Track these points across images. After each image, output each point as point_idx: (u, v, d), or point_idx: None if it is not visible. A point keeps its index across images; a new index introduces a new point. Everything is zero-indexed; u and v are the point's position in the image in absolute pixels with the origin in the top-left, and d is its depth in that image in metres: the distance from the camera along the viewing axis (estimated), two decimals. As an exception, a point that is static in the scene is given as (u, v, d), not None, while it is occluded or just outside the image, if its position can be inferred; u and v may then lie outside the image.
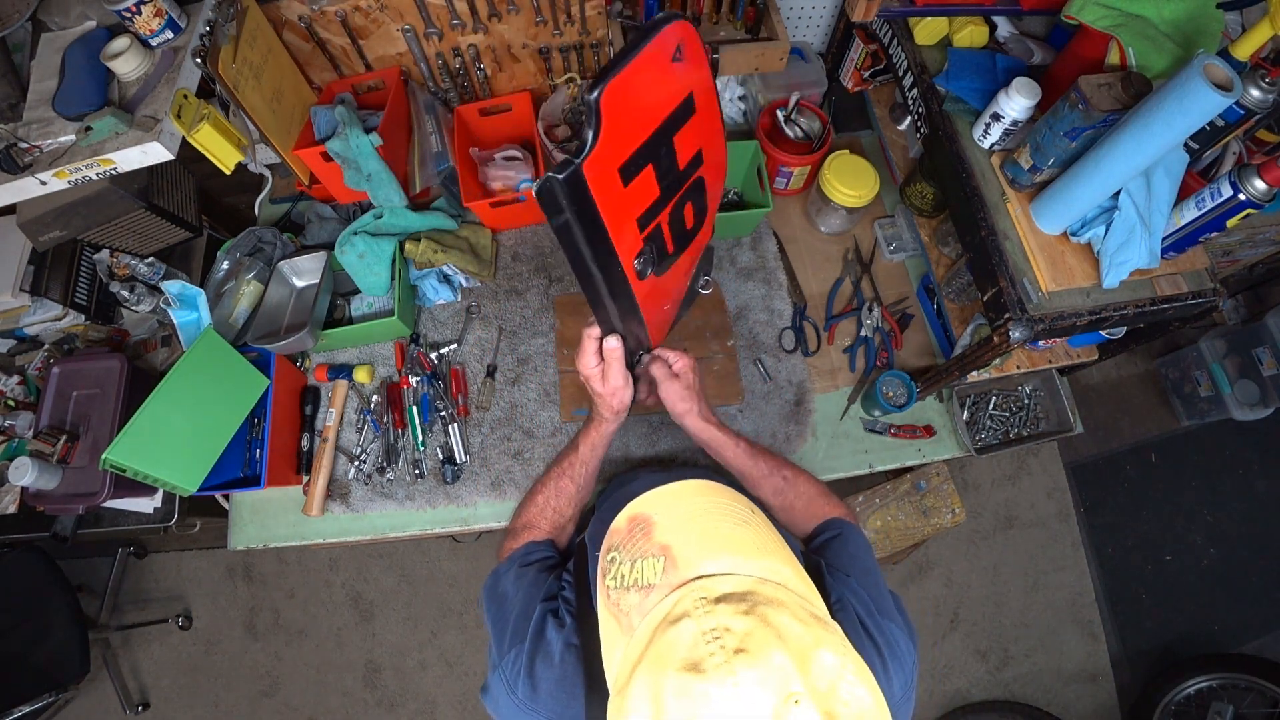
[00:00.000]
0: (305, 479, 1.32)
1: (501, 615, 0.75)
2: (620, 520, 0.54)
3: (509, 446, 1.33)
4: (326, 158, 1.25)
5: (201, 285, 1.36)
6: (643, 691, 0.43)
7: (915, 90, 1.14)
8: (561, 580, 0.79)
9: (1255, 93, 0.77)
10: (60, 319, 1.45)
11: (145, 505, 1.41)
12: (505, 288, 1.45)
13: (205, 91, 1.07)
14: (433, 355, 1.38)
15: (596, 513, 0.93)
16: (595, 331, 0.87)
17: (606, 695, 0.64)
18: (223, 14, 1.04)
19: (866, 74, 1.41)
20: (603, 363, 0.88)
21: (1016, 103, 0.94)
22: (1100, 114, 0.82)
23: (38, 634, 1.85)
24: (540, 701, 0.67)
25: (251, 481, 1.26)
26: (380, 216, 1.35)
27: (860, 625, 0.69)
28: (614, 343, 0.86)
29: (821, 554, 0.80)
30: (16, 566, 1.87)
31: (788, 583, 0.48)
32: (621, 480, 1.09)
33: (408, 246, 1.37)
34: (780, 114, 1.40)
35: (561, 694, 0.67)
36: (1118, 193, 0.89)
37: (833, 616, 0.70)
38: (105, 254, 1.40)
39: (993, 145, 1.02)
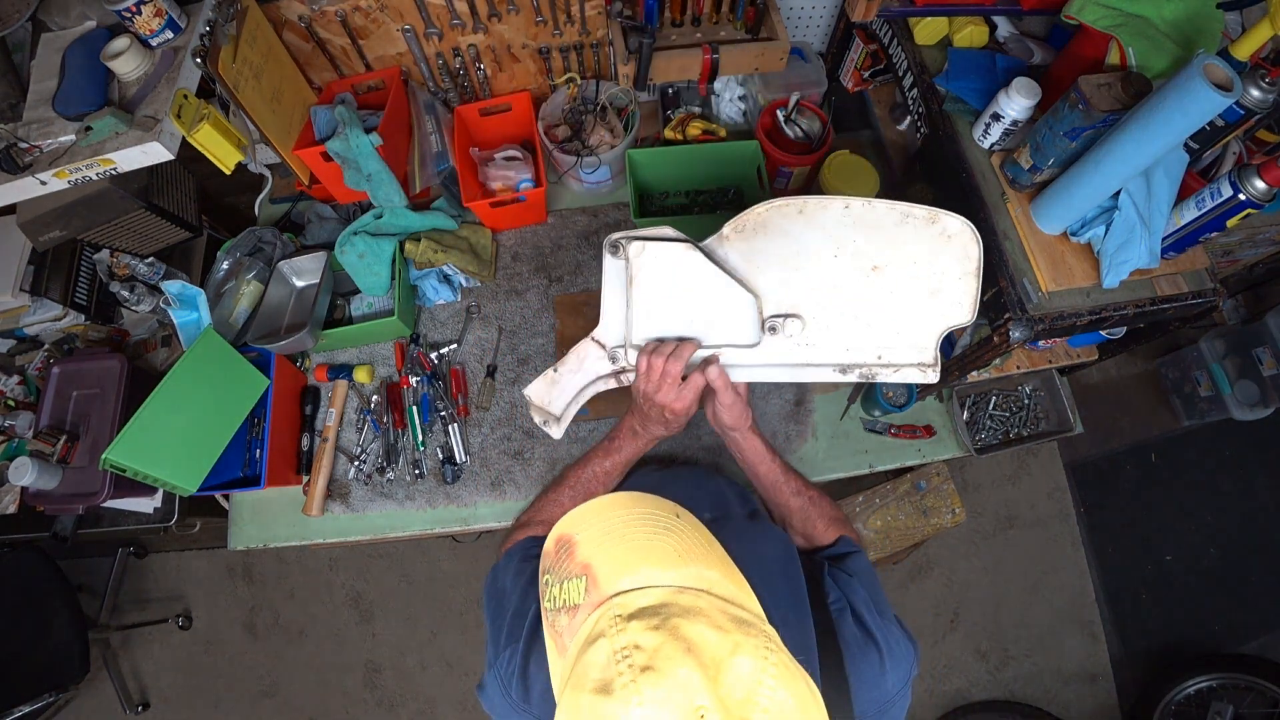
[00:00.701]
0: (305, 479, 1.32)
1: (499, 612, 0.74)
2: (549, 542, 0.54)
3: (509, 446, 1.33)
4: (326, 158, 1.25)
5: (201, 285, 1.36)
6: (565, 716, 0.44)
7: (915, 90, 1.14)
8: None
9: (1255, 93, 0.77)
10: (60, 319, 1.45)
11: (145, 505, 1.41)
12: (505, 288, 1.45)
13: (205, 91, 1.07)
14: (433, 355, 1.38)
15: None
16: (677, 369, 0.85)
17: None
18: (223, 14, 1.04)
19: (866, 74, 1.41)
20: (682, 386, 0.87)
21: (1016, 103, 0.94)
22: (1100, 114, 0.82)
23: (38, 634, 1.85)
24: (533, 704, 0.66)
25: (251, 481, 1.26)
26: (380, 216, 1.35)
27: (860, 623, 0.69)
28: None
29: (833, 563, 0.81)
30: (16, 566, 1.87)
31: (712, 587, 0.47)
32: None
33: (408, 246, 1.37)
34: (780, 114, 1.40)
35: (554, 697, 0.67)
36: (1118, 193, 0.89)
37: (830, 617, 0.70)
38: (105, 254, 1.40)
39: (993, 145, 1.02)
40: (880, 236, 0.77)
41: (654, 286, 0.87)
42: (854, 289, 0.82)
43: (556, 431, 0.97)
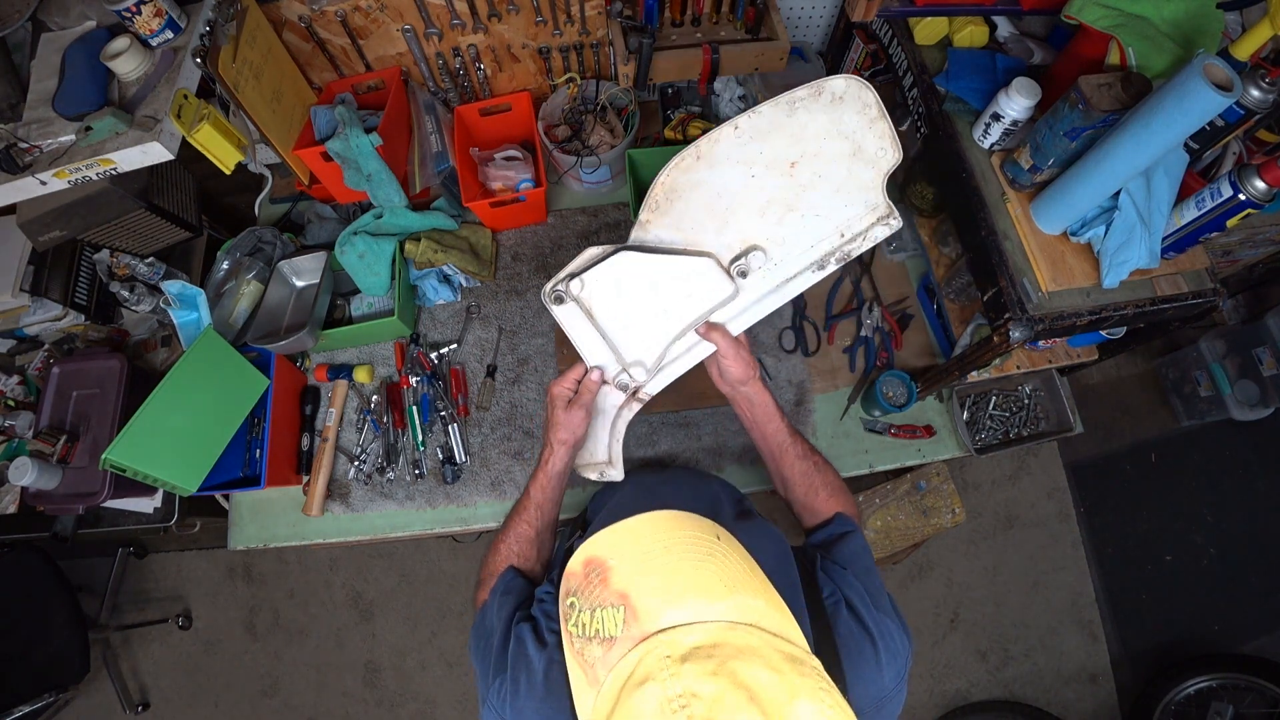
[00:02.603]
0: (305, 479, 1.32)
1: (486, 650, 0.75)
2: (575, 563, 0.51)
3: (509, 446, 1.33)
4: (326, 158, 1.25)
5: (201, 285, 1.36)
6: None
7: (915, 90, 1.14)
8: (542, 593, 0.78)
9: (1255, 93, 0.77)
10: (60, 319, 1.45)
11: (145, 505, 1.41)
12: (505, 288, 1.45)
13: (205, 91, 1.07)
14: (433, 355, 1.38)
15: (593, 522, 0.92)
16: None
17: None
18: (223, 14, 1.04)
19: (866, 74, 1.41)
20: (577, 393, 0.90)
21: (1016, 103, 0.94)
22: (1100, 114, 0.83)
23: (38, 634, 1.85)
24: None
25: (251, 481, 1.26)
26: (380, 216, 1.35)
27: (855, 618, 0.69)
28: (595, 375, 0.89)
29: (827, 549, 0.80)
30: (16, 566, 1.87)
31: (760, 620, 0.45)
32: (614, 485, 1.08)
33: (408, 246, 1.37)
34: (780, 114, 1.40)
35: (547, 709, 0.67)
36: (1118, 193, 0.89)
37: (825, 612, 0.70)
38: (105, 254, 1.40)
39: (993, 145, 1.02)
40: (780, 135, 0.77)
41: (614, 306, 0.86)
42: (786, 193, 0.82)
43: (617, 474, 0.96)
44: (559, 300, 0.86)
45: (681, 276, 0.85)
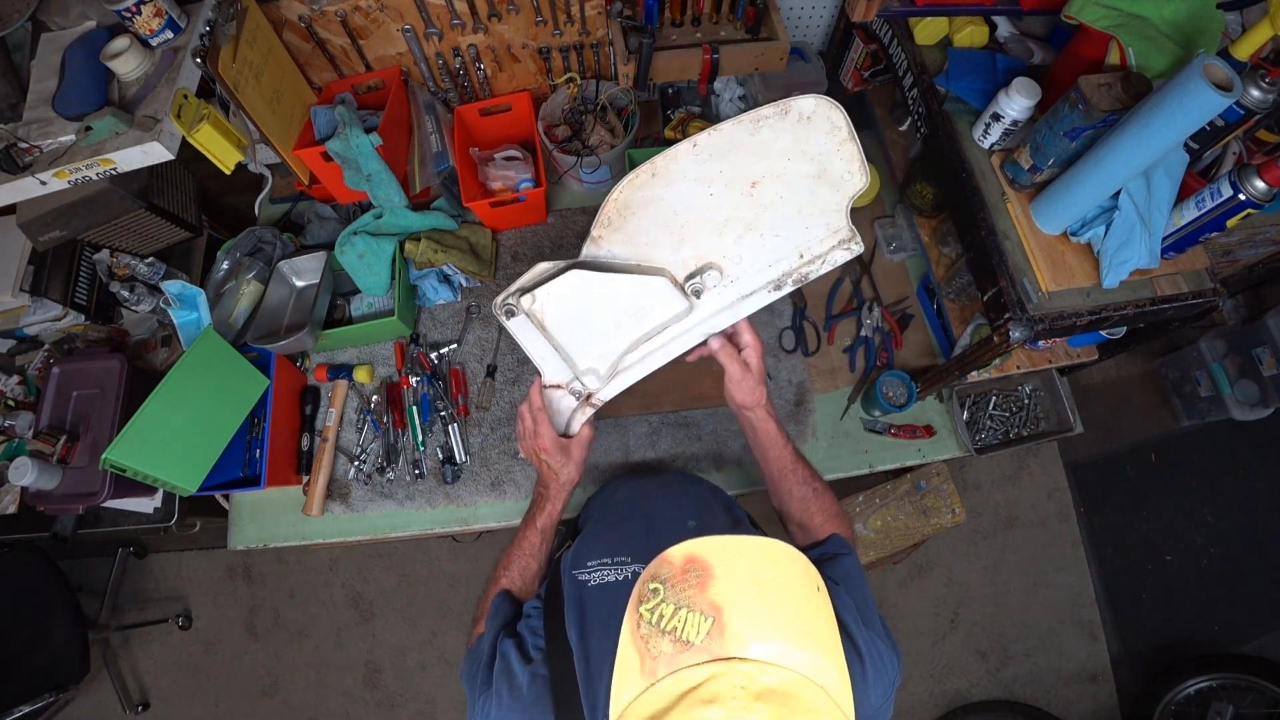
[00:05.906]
0: (305, 479, 1.32)
1: (475, 671, 0.75)
2: (676, 554, 0.50)
3: (509, 446, 1.33)
4: (326, 158, 1.25)
5: (201, 285, 1.36)
6: None
7: (915, 90, 1.14)
8: (529, 608, 0.79)
9: (1255, 93, 0.77)
10: (60, 319, 1.45)
11: (145, 505, 1.41)
12: (505, 288, 1.45)
13: (205, 91, 1.07)
14: (433, 355, 1.38)
15: (583, 531, 0.91)
16: (528, 407, 0.95)
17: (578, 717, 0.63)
18: (223, 14, 1.04)
19: (866, 74, 1.41)
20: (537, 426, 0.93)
21: (1016, 103, 0.94)
22: (1100, 114, 0.83)
23: (38, 634, 1.85)
24: None
25: (251, 481, 1.26)
26: (380, 216, 1.35)
27: (845, 634, 0.67)
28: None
29: (820, 564, 0.80)
30: (16, 566, 1.87)
31: (829, 686, 0.45)
32: (610, 490, 1.07)
33: (408, 246, 1.37)
34: (780, 114, 1.40)
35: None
36: (1118, 193, 0.89)
37: None
38: (105, 254, 1.40)
39: (993, 145, 1.02)
40: (742, 154, 0.75)
41: (566, 318, 0.86)
42: (746, 212, 0.80)
43: None
44: (510, 314, 0.85)
45: (634, 294, 0.84)
